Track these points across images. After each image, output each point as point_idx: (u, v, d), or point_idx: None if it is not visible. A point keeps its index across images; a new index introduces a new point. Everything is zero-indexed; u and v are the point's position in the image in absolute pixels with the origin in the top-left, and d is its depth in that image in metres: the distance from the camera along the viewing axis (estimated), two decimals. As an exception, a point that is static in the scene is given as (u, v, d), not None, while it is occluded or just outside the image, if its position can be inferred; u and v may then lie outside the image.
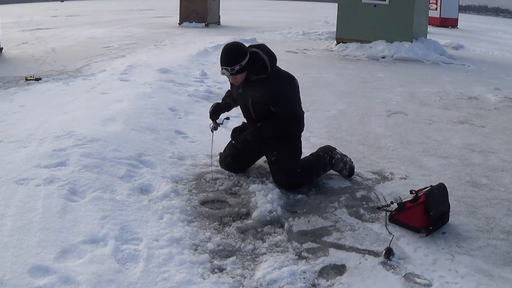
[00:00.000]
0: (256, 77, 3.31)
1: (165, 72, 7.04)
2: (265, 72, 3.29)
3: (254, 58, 3.27)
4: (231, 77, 3.31)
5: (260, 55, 3.29)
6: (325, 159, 3.63)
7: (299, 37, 14.85)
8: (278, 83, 3.33)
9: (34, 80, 6.62)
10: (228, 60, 3.21)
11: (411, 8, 11.01)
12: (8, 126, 4.37)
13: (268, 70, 3.30)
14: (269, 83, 3.30)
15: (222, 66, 3.25)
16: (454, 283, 2.41)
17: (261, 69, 3.29)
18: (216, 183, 3.50)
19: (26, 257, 2.34)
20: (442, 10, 23.30)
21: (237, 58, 3.21)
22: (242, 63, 3.21)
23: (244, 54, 3.23)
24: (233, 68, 3.20)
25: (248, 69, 3.25)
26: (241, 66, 3.21)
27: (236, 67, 3.20)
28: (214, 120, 3.67)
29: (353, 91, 7.00)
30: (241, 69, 3.22)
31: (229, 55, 3.22)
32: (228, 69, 3.21)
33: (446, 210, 3.00)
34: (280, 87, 3.32)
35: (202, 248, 2.64)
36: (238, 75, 3.25)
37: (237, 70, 3.21)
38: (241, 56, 3.22)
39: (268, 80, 3.31)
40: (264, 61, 3.28)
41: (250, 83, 3.34)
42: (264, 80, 3.31)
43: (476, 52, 13.21)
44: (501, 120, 5.64)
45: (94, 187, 3.13)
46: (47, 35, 13.11)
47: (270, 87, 3.29)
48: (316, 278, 2.44)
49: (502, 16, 70.24)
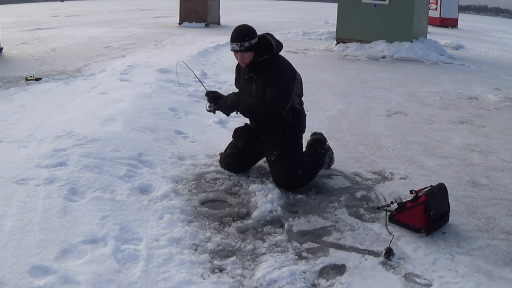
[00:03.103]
0: (262, 58, 3.43)
1: (165, 72, 7.04)
2: (270, 53, 3.44)
3: (261, 41, 3.45)
4: (240, 56, 3.43)
5: (267, 38, 3.48)
6: (323, 158, 3.64)
7: (299, 37, 14.86)
8: (278, 69, 3.45)
9: (34, 80, 6.62)
10: (239, 37, 3.39)
11: (411, 8, 11.01)
12: (8, 126, 4.37)
13: (273, 50, 3.44)
14: (272, 65, 3.44)
15: (232, 42, 3.41)
16: (454, 283, 2.41)
17: (267, 50, 3.44)
18: (216, 183, 3.50)
19: (26, 257, 2.34)
20: (442, 10, 23.32)
21: (248, 36, 3.40)
22: (251, 41, 3.38)
23: (254, 35, 3.43)
24: (242, 44, 3.36)
25: (256, 49, 3.40)
26: (250, 44, 3.37)
27: (245, 43, 3.36)
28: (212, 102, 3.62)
29: (353, 91, 7.00)
30: (250, 47, 3.37)
31: (240, 32, 3.42)
32: (238, 44, 3.37)
33: (446, 210, 3.00)
34: (279, 72, 3.44)
35: (202, 248, 2.64)
36: (246, 54, 3.39)
37: (246, 47, 3.36)
38: (251, 35, 3.41)
39: (273, 61, 3.45)
40: (271, 43, 3.44)
41: (256, 66, 3.45)
42: (268, 65, 3.43)
43: (476, 52, 13.21)
44: (501, 120, 5.64)
45: (94, 187, 3.13)
46: (47, 35, 13.11)
47: (271, 71, 3.41)
48: (316, 278, 2.44)
49: (502, 16, 70.28)
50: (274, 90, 3.37)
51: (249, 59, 3.42)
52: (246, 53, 3.38)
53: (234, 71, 3.78)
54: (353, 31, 11.63)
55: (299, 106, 3.61)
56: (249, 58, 3.41)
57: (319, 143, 3.74)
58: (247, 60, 3.42)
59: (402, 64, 9.91)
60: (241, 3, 40.03)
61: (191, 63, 8.25)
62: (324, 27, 18.32)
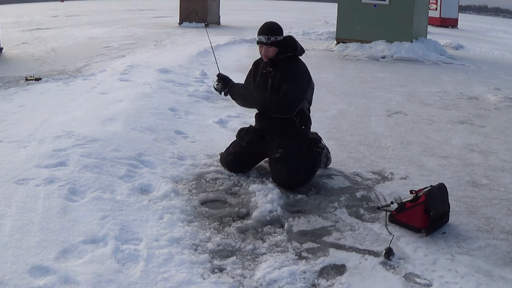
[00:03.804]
0: (284, 56, 3.51)
1: (165, 72, 7.04)
2: (292, 52, 3.53)
3: (287, 40, 3.54)
4: (264, 49, 3.49)
5: (294, 39, 3.58)
6: (319, 156, 3.66)
7: (299, 37, 14.81)
8: (298, 67, 3.55)
9: (34, 80, 6.61)
10: (267, 31, 3.48)
11: (411, 8, 11.01)
12: (8, 126, 4.37)
13: (296, 51, 3.53)
14: (292, 64, 3.53)
15: (259, 34, 3.50)
16: (454, 283, 2.41)
17: (290, 49, 3.54)
18: (216, 183, 3.50)
19: (26, 257, 2.34)
20: (442, 10, 23.32)
21: (276, 31, 3.49)
22: (277, 37, 3.47)
23: (281, 32, 3.52)
24: (269, 38, 3.45)
25: (280, 46, 3.48)
26: (276, 39, 3.46)
27: (272, 38, 3.45)
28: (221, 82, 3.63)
29: (353, 91, 7.00)
30: (275, 42, 3.46)
31: (269, 27, 3.51)
32: (265, 37, 3.45)
33: (446, 210, 3.00)
34: (297, 71, 3.53)
35: (202, 248, 2.64)
36: (271, 48, 3.47)
37: (272, 41, 3.45)
38: (279, 31, 3.51)
39: (293, 61, 3.54)
40: (295, 44, 3.55)
41: (276, 62, 3.52)
42: (289, 60, 3.52)
43: (476, 52, 13.21)
44: (501, 120, 5.64)
45: (94, 187, 3.13)
46: (47, 35, 13.11)
47: (291, 67, 3.52)
48: (316, 278, 2.44)
49: (502, 16, 70.31)
50: (290, 86, 3.44)
51: (272, 54, 3.50)
52: (271, 47, 3.47)
53: (236, 71, 3.78)
54: (353, 31, 11.64)
55: (307, 111, 3.66)
56: (272, 53, 3.49)
57: (314, 142, 3.74)
58: (270, 54, 3.50)
59: (402, 64, 9.91)
60: (241, 3, 40.02)
61: (191, 63, 8.27)
62: (324, 27, 18.32)
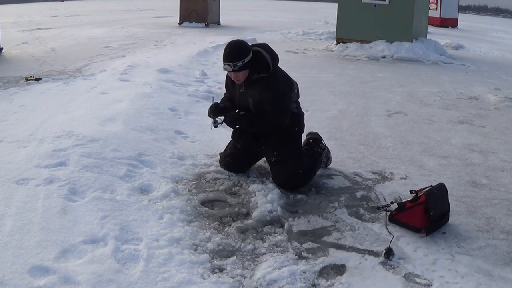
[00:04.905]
0: (258, 76, 3.33)
1: (165, 72, 7.04)
2: (266, 72, 3.33)
3: (256, 57, 3.31)
4: (233, 75, 3.32)
5: (263, 54, 3.32)
6: (320, 157, 3.65)
7: (299, 37, 14.85)
8: (276, 84, 3.35)
9: (34, 80, 6.61)
10: (231, 56, 3.24)
11: (411, 8, 11.01)
12: (8, 126, 4.37)
13: (270, 69, 3.33)
14: (268, 83, 3.33)
15: (224, 62, 3.28)
16: (454, 283, 2.41)
17: (263, 68, 3.32)
18: (216, 183, 3.50)
19: (26, 257, 2.34)
20: (442, 10, 23.32)
21: (240, 55, 3.24)
22: (244, 59, 3.24)
23: (247, 52, 3.27)
24: (235, 64, 3.23)
25: (250, 67, 3.29)
26: (243, 62, 3.24)
27: (238, 63, 3.23)
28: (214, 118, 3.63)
29: (353, 91, 7.00)
30: (243, 66, 3.25)
31: (232, 51, 3.26)
32: (231, 65, 3.24)
33: (446, 210, 3.00)
34: (276, 89, 3.34)
35: (202, 248, 2.64)
36: (240, 72, 3.28)
37: (239, 67, 3.24)
38: (244, 53, 3.26)
39: (268, 79, 3.34)
40: (266, 60, 3.31)
41: (251, 82, 3.36)
42: (264, 79, 3.33)
43: (476, 52, 13.21)
44: (501, 120, 5.64)
45: (94, 187, 3.13)
46: (47, 35, 13.11)
47: (268, 86, 3.32)
48: (316, 278, 2.44)
49: (502, 16, 70.32)
50: (274, 107, 3.33)
51: (243, 77, 3.32)
52: (240, 72, 3.28)
53: None
54: (353, 31, 11.63)
55: (296, 110, 3.57)
56: (243, 76, 3.32)
57: (315, 142, 3.74)
58: (241, 79, 3.33)
59: (402, 64, 9.91)
60: (241, 3, 40.03)
61: (191, 63, 8.27)
62: (324, 27, 18.32)
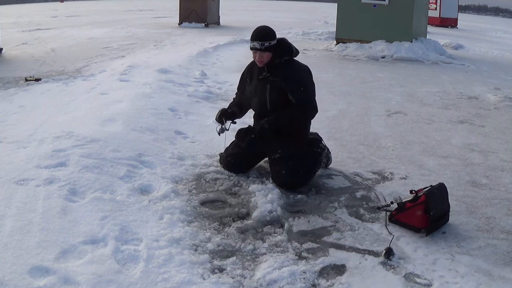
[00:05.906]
0: (280, 59, 3.49)
1: (165, 73, 7.04)
2: (289, 56, 3.53)
3: (281, 43, 3.54)
4: (258, 54, 3.48)
5: (287, 41, 3.58)
6: (320, 157, 3.65)
7: (299, 37, 14.85)
8: (299, 69, 3.56)
9: (33, 81, 6.61)
10: (261, 36, 3.47)
11: (410, 8, 11.02)
12: (8, 127, 4.37)
13: (292, 54, 3.53)
14: (291, 68, 3.52)
15: (253, 40, 3.48)
16: (454, 283, 2.41)
17: (286, 53, 3.53)
18: (216, 183, 3.50)
19: (26, 258, 2.34)
20: (442, 10, 23.35)
21: (269, 36, 3.49)
22: (271, 42, 3.47)
23: (274, 36, 3.52)
24: (263, 44, 3.44)
25: (275, 50, 3.48)
26: (270, 44, 3.46)
27: (266, 43, 3.44)
28: (221, 124, 3.68)
29: (353, 91, 7.00)
30: (270, 47, 3.45)
31: (262, 32, 3.50)
32: (259, 43, 3.44)
33: (446, 210, 3.00)
34: (300, 73, 3.55)
35: (202, 249, 2.64)
36: (265, 53, 3.46)
37: (266, 47, 3.44)
38: (272, 36, 3.50)
39: (291, 64, 3.54)
40: (290, 47, 3.55)
41: (273, 67, 3.51)
42: (287, 64, 3.51)
43: (476, 52, 13.21)
44: (501, 120, 5.64)
45: (94, 187, 3.13)
46: (47, 36, 13.10)
47: (292, 71, 3.50)
48: (316, 278, 2.44)
49: (502, 16, 70.35)
50: (303, 92, 3.45)
51: (267, 59, 3.49)
52: (265, 52, 3.46)
53: (236, 72, 3.78)
54: (353, 31, 11.64)
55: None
56: (267, 58, 3.48)
57: (315, 142, 3.74)
58: (265, 60, 3.49)
59: (402, 64, 9.91)
60: (241, 3, 40.04)
61: (191, 64, 8.27)
62: (324, 27, 18.32)
